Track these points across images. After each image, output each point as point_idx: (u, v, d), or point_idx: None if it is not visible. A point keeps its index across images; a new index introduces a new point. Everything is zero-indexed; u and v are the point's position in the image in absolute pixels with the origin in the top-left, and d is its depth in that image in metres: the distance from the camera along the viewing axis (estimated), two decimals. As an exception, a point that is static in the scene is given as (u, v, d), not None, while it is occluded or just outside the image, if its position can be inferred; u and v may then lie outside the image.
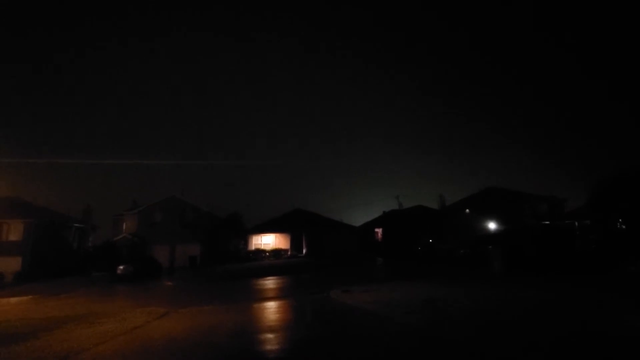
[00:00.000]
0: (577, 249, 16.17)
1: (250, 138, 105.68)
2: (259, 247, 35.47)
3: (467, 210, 35.58)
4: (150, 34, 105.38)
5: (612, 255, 14.76)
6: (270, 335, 6.78)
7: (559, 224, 23.77)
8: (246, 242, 36.65)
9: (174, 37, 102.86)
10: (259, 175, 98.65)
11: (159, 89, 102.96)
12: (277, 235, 36.29)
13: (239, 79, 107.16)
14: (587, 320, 6.58)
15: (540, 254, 15.20)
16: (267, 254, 33.73)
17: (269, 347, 6.13)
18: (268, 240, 36.12)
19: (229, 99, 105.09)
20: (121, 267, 23.88)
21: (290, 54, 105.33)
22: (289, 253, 34.72)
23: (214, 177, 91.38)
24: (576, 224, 24.69)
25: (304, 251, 35.42)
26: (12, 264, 29.03)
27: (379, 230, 40.17)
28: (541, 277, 12.86)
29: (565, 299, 8.98)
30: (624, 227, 17.80)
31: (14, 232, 30.93)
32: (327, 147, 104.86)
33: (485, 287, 11.50)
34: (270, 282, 17.01)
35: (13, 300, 16.70)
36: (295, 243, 35.89)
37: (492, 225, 29.86)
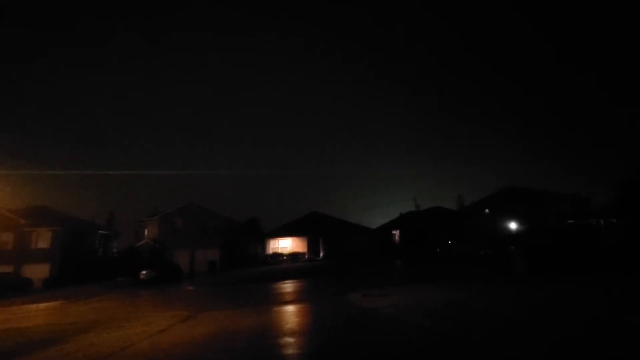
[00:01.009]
0: (604, 249, 15.57)
1: (266, 144, 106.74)
2: (276, 251, 35.74)
3: (487, 211, 34.81)
4: (163, 46, 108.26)
5: (641, 255, 14.13)
6: (290, 339, 6.81)
7: (584, 222, 22.92)
8: (264, 246, 37.00)
9: (191, 41, 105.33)
10: (275, 180, 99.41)
11: (172, 100, 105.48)
12: (295, 239, 36.47)
13: (248, 85, 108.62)
14: (605, 322, 6.35)
15: (564, 253, 14.72)
16: (285, 257, 33.91)
17: (290, 351, 6.16)
18: (285, 244, 36.34)
19: (242, 106, 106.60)
20: (144, 272, 24.54)
21: (298, 58, 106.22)
22: (307, 256, 34.81)
23: (231, 183, 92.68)
24: (602, 222, 23.74)
25: (321, 254, 35.43)
26: (41, 271, 30.26)
27: (396, 232, 39.77)
28: (565, 278, 12.45)
29: (588, 300, 8.67)
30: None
31: (43, 239, 32.25)
32: (341, 150, 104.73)
33: (507, 289, 11.23)
34: (289, 286, 17.09)
35: (42, 305, 17.37)
36: (312, 246, 35.96)
37: (512, 226, 29.11)
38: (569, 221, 24.18)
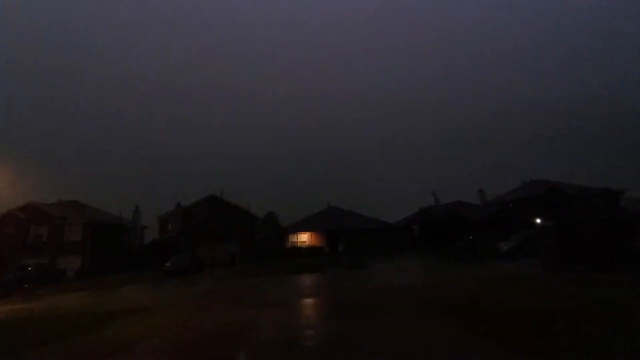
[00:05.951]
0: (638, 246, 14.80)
1: (283, 138, 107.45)
2: (295, 244, 36.06)
3: (511, 205, 33.82)
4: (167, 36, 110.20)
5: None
6: (309, 332, 6.91)
7: (618, 216, 21.87)
8: (283, 240, 37.42)
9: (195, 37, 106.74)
10: (293, 174, 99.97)
11: (189, 93, 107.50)
12: (313, 233, 36.69)
13: (262, 77, 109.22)
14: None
15: (596, 250, 14.10)
16: (303, 251, 34.17)
17: (309, 341, 6.26)
18: (304, 238, 36.61)
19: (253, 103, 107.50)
20: (168, 264, 25.38)
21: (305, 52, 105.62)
22: (325, 250, 34.95)
23: (250, 177, 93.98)
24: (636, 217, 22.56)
25: (340, 249, 35.49)
26: (73, 262, 31.89)
27: (415, 227, 39.28)
28: (596, 275, 11.95)
29: (625, 299, 8.31)
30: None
31: (75, 232, 33.91)
32: (358, 143, 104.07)
33: (533, 287, 10.90)
34: (307, 279, 17.25)
35: (75, 295, 18.29)
36: (330, 241, 36.08)
37: (538, 221, 28.17)
38: (600, 216, 23.12)
